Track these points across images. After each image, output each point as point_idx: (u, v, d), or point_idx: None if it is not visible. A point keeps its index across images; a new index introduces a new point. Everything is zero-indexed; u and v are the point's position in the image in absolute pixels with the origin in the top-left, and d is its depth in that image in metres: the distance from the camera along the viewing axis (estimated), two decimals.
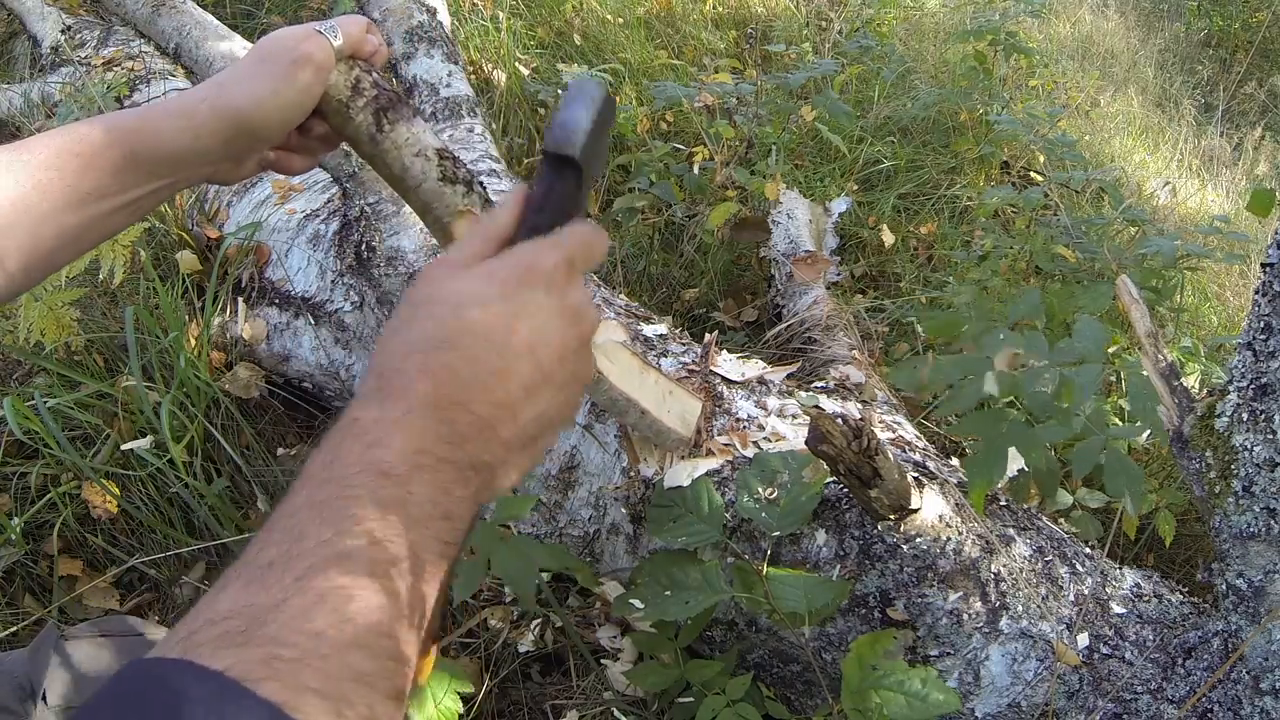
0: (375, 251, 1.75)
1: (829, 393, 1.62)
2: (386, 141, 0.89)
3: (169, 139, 0.74)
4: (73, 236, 0.73)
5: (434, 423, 0.51)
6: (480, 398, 0.53)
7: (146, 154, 0.74)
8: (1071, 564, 1.35)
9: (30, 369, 1.97)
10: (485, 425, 0.53)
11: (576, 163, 0.62)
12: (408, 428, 0.50)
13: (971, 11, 3.63)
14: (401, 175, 0.92)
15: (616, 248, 2.46)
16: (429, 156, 0.92)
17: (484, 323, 0.54)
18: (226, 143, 0.76)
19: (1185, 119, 4.00)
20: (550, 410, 0.57)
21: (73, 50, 2.69)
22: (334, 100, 0.84)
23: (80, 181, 0.72)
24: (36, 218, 0.70)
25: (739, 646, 1.41)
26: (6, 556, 1.64)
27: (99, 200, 0.73)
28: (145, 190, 0.75)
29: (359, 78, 0.85)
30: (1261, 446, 1.08)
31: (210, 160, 0.77)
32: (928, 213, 2.72)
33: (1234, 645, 1.15)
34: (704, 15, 3.47)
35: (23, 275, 0.72)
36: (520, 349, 0.54)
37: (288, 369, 1.95)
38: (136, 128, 0.74)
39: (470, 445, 0.52)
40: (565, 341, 0.57)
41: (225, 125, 0.75)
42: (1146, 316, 1.26)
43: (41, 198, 0.70)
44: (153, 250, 2.13)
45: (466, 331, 0.53)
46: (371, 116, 0.87)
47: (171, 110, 0.75)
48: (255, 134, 0.77)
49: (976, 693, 1.26)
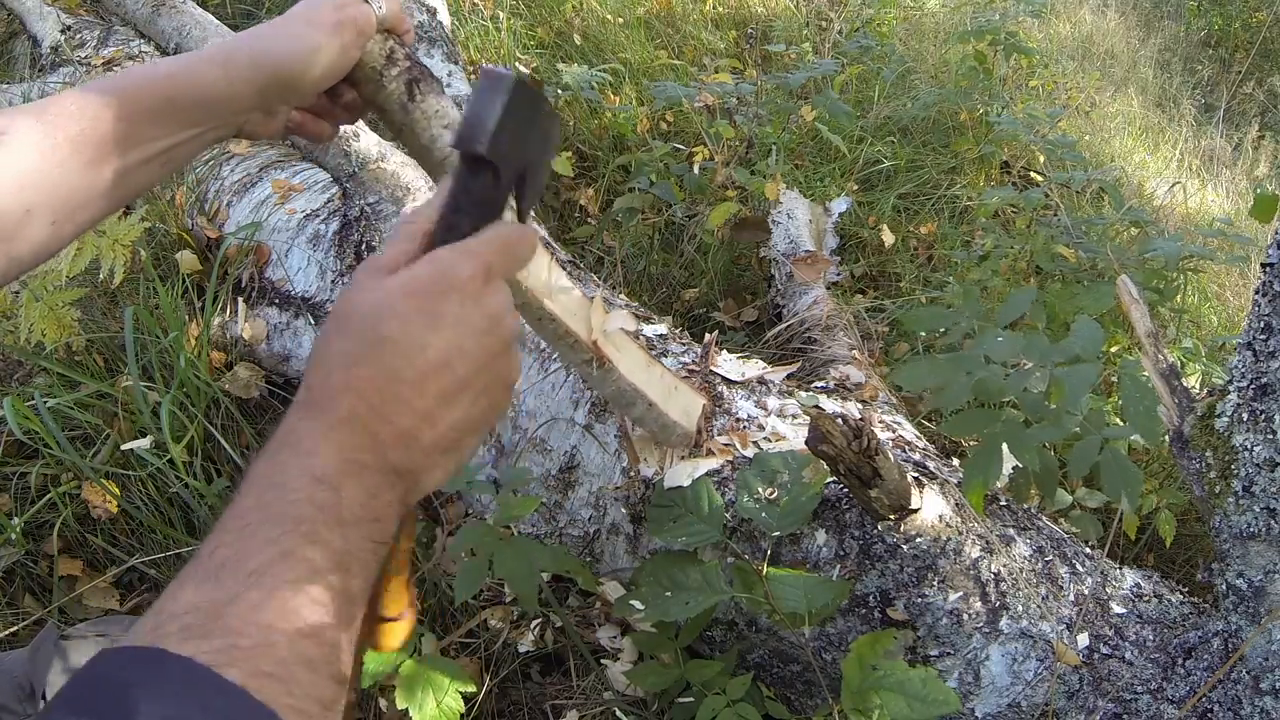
0: (375, 251, 1.75)
1: (829, 393, 1.62)
2: (417, 111, 0.92)
3: (206, 84, 0.75)
4: (103, 191, 0.73)
5: (359, 434, 0.54)
6: (399, 409, 0.55)
7: (183, 99, 0.74)
8: (1071, 564, 1.35)
9: (30, 369, 1.97)
10: (405, 434, 0.56)
11: (488, 160, 0.59)
12: (336, 439, 0.54)
13: (971, 11, 3.63)
14: (429, 145, 0.95)
15: (617, 248, 2.46)
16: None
17: (400, 337, 0.56)
18: (261, 92, 0.77)
19: (1185, 119, 4.01)
20: (471, 415, 0.59)
21: (73, 50, 2.69)
22: (369, 67, 0.87)
23: (113, 131, 0.72)
24: (68, 171, 0.70)
25: (739, 646, 1.41)
26: (6, 556, 1.64)
27: (131, 150, 0.73)
28: (179, 139, 0.76)
29: (393, 49, 0.88)
30: (1261, 446, 1.08)
31: (243, 109, 0.78)
32: (928, 213, 2.72)
33: (1234, 645, 1.15)
34: (704, 15, 3.47)
35: (52, 233, 0.71)
36: (435, 360, 0.56)
37: (288, 369, 1.95)
38: (173, 72, 0.75)
39: (393, 453, 0.55)
40: (483, 348, 0.58)
41: (262, 75, 0.76)
42: (1147, 317, 1.26)
43: (73, 150, 0.70)
44: (153, 250, 2.13)
45: (384, 345, 0.56)
46: (404, 86, 0.90)
47: (209, 57, 0.76)
48: (290, 87, 0.78)
49: (976, 693, 1.26)
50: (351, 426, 0.54)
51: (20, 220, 0.68)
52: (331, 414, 0.55)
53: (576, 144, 2.82)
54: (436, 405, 0.57)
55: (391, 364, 0.56)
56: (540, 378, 1.60)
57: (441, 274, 0.58)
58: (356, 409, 0.55)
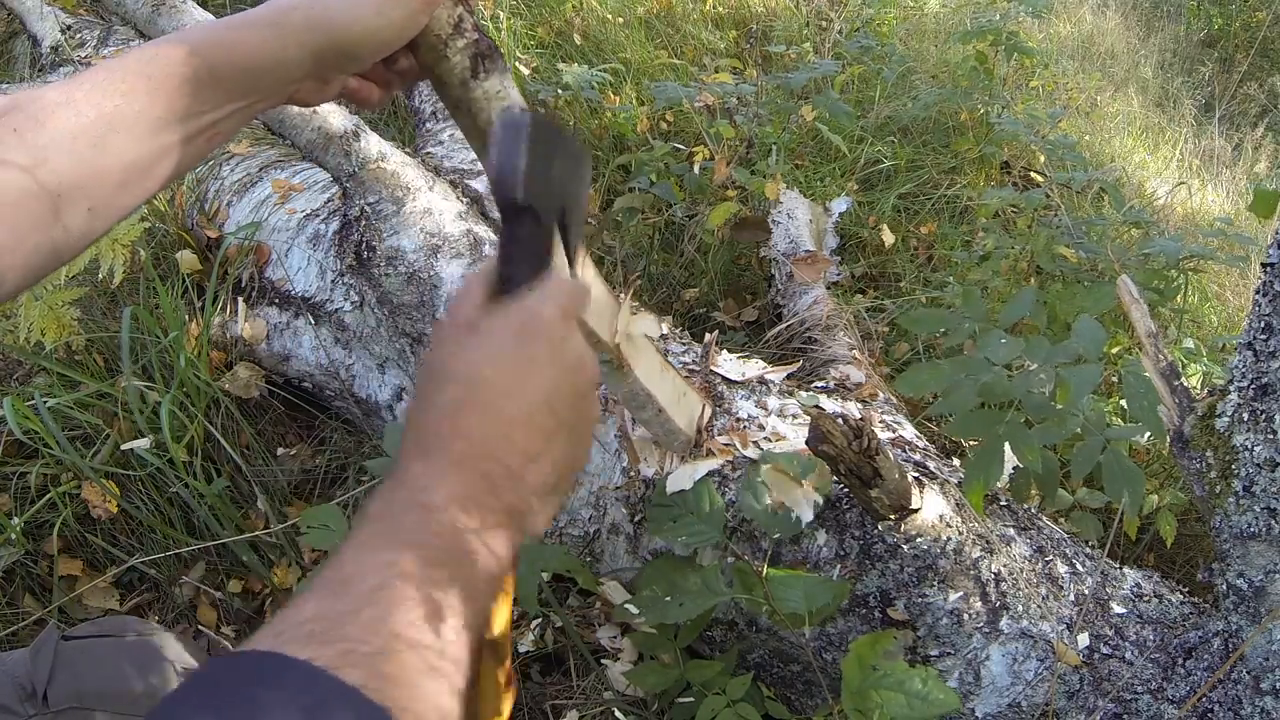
0: (375, 251, 1.75)
1: (829, 392, 1.62)
2: (478, 89, 0.85)
3: (254, 49, 0.68)
4: (142, 170, 0.67)
5: (471, 475, 0.56)
6: (506, 449, 0.58)
7: (228, 68, 0.67)
8: (1072, 564, 1.35)
9: (30, 369, 1.97)
10: (514, 473, 0.58)
11: (525, 205, 0.60)
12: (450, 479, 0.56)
13: (972, 11, 3.63)
14: (484, 128, 0.87)
15: (617, 248, 2.46)
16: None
17: (499, 381, 0.58)
18: (316, 56, 0.70)
19: (1185, 119, 4.00)
20: (567, 454, 0.61)
21: (73, 50, 2.69)
22: (433, 35, 0.79)
23: (152, 106, 0.65)
24: (103, 152, 0.64)
25: (739, 646, 1.41)
26: (6, 556, 1.64)
27: (172, 126, 0.66)
28: (223, 113, 0.69)
29: (461, 17, 0.81)
30: (1262, 446, 1.08)
31: (295, 77, 0.71)
32: (928, 213, 2.71)
33: (1234, 645, 1.15)
34: (704, 15, 3.47)
35: (86, 220, 0.65)
36: (536, 401, 0.59)
37: (288, 369, 1.95)
38: (217, 40, 0.67)
39: (503, 492, 0.57)
40: (573, 388, 0.61)
41: (319, 38, 0.69)
42: (1147, 317, 1.26)
43: (109, 128, 0.64)
44: (153, 250, 2.13)
45: (485, 389, 0.58)
46: (469, 60, 0.83)
47: (256, 20, 0.68)
48: (348, 53, 0.71)
49: (977, 693, 1.26)
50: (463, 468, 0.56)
51: (54, 206, 0.62)
52: (444, 459, 0.56)
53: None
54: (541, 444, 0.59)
55: (495, 406, 0.58)
56: None
57: (528, 319, 0.60)
58: (467, 452, 0.56)
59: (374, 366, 1.83)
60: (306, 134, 1.87)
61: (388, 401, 1.82)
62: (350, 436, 1.94)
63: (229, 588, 1.71)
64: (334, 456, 1.92)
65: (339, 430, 1.95)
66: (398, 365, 1.79)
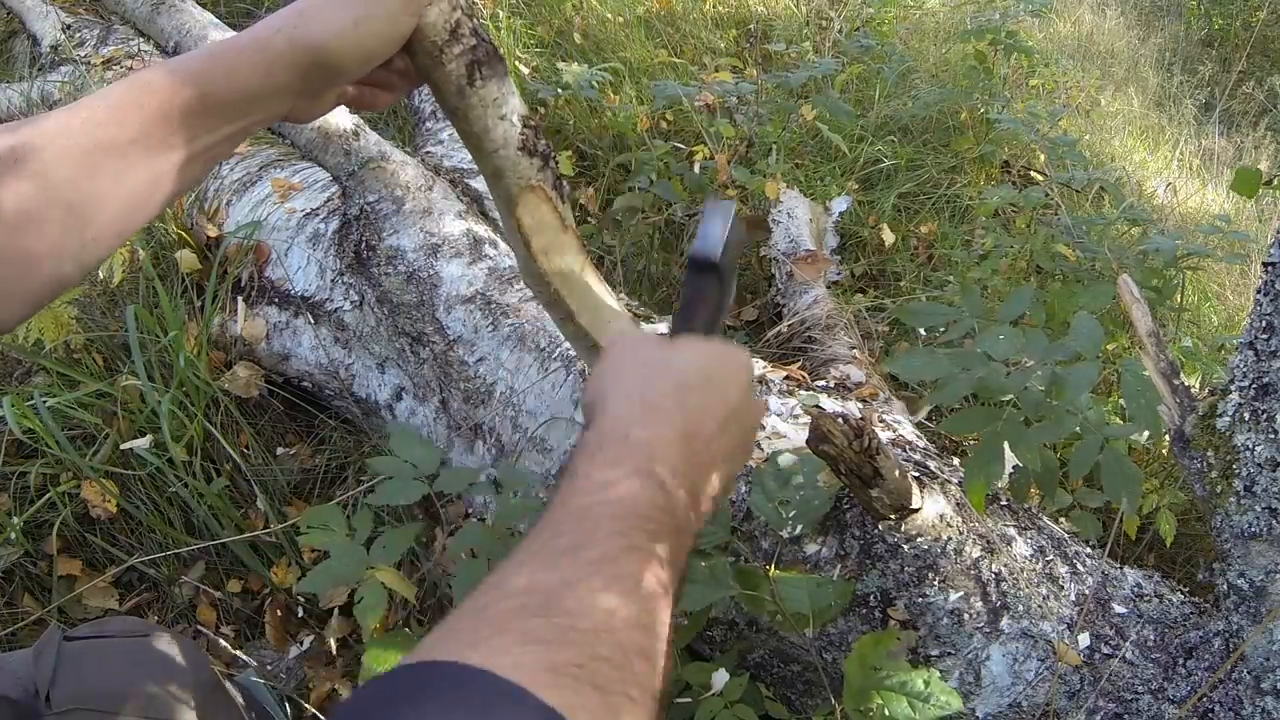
0: (375, 250, 1.75)
1: (829, 392, 1.62)
2: (474, 97, 0.83)
3: (242, 76, 0.68)
4: (141, 196, 0.68)
5: (686, 449, 0.62)
6: (717, 437, 0.65)
7: (218, 95, 0.68)
8: (1072, 564, 1.35)
9: (30, 368, 1.96)
10: (712, 461, 0.64)
11: (717, 266, 0.78)
12: (675, 448, 0.61)
13: (972, 11, 3.63)
14: (482, 136, 0.86)
15: (617, 247, 2.45)
16: (514, 122, 0.87)
17: (713, 381, 0.68)
18: (303, 75, 0.70)
19: (1185, 119, 4.00)
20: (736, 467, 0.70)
21: (72, 49, 2.68)
22: (428, 40, 0.77)
23: (145, 135, 0.66)
24: (101, 180, 0.65)
25: (739, 646, 1.41)
26: (6, 556, 1.63)
27: (168, 153, 0.68)
28: (217, 137, 0.70)
29: (459, 22, 0.78)
30: (1263, 446, 1.08)
31: (286, 97, 0.71)
32: (928, 212, 2.71)
33: (1235, 645, 1.15)
34: (704, 14, 3.46)
35: (87, 248, 0.66)
36: (733, 409, 0.68)
37: (287, 368, 1.95)
38: (205, 68, 0.68)
39: (699, 473, 0.63)
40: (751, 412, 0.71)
41: (303, 57, 0.69)
42: (1148, 316, 1.26)
43: (105, 156, 0.65)
44: (152, 249, 2.12)
45: (704, 382, 0.67)
46: (465, 68, 0.80)
47: (243, 45, 0.69)
48: (334, 67, 0.71)
49: (977, 693, 1.26)
50: (683, 441, 0.62)
51: (58, 234, 0.64)
52: (669, 428, 0.62)
53: (576, 143, 2.82)
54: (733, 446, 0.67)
55: (710, 400, 0.66)
56: (540, 377, 1.60)
57: (724, 350, 0.72)
58: (686, 426, 0.63)
59: (373, 366, 1.83)
60: (306, 133, 1.87)
61: (387, 401, 1.82)
62: (350, 436, 1.94)
63: (229, 587, 1.70)
64: (334, 456, 1.92)
65: (339, 430, 1.95)
66: (397, 365, 1.79)
